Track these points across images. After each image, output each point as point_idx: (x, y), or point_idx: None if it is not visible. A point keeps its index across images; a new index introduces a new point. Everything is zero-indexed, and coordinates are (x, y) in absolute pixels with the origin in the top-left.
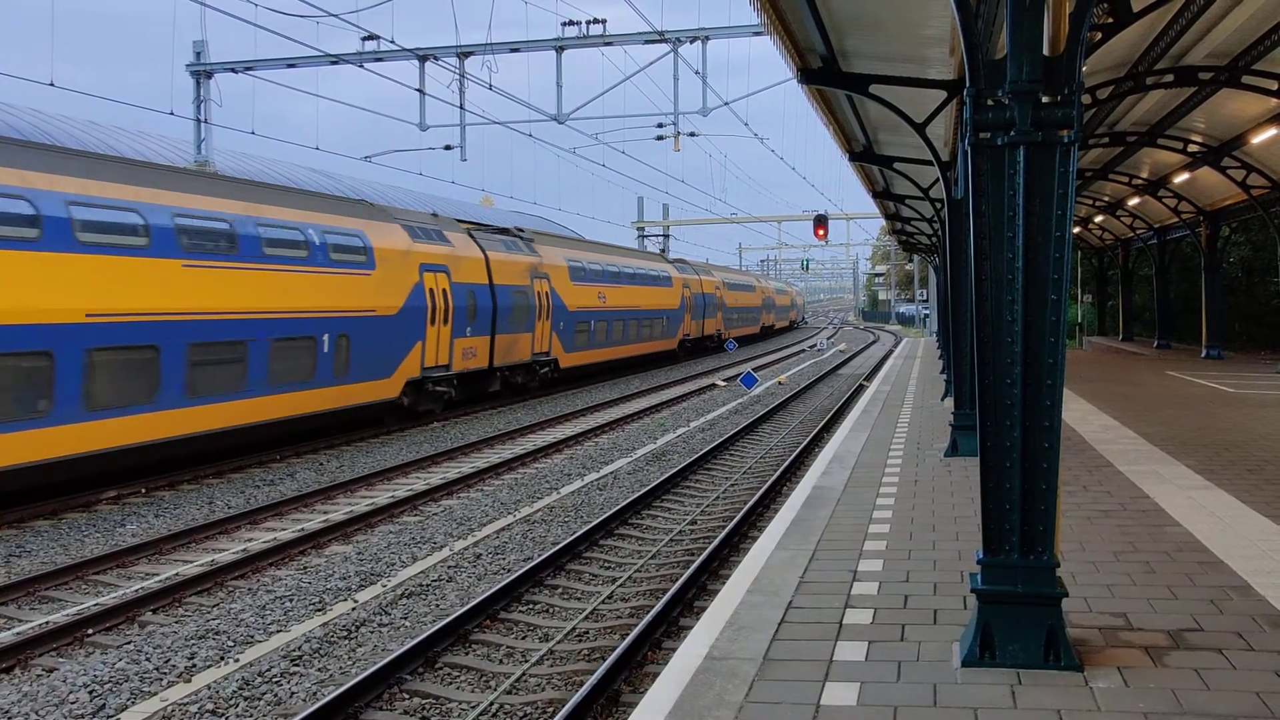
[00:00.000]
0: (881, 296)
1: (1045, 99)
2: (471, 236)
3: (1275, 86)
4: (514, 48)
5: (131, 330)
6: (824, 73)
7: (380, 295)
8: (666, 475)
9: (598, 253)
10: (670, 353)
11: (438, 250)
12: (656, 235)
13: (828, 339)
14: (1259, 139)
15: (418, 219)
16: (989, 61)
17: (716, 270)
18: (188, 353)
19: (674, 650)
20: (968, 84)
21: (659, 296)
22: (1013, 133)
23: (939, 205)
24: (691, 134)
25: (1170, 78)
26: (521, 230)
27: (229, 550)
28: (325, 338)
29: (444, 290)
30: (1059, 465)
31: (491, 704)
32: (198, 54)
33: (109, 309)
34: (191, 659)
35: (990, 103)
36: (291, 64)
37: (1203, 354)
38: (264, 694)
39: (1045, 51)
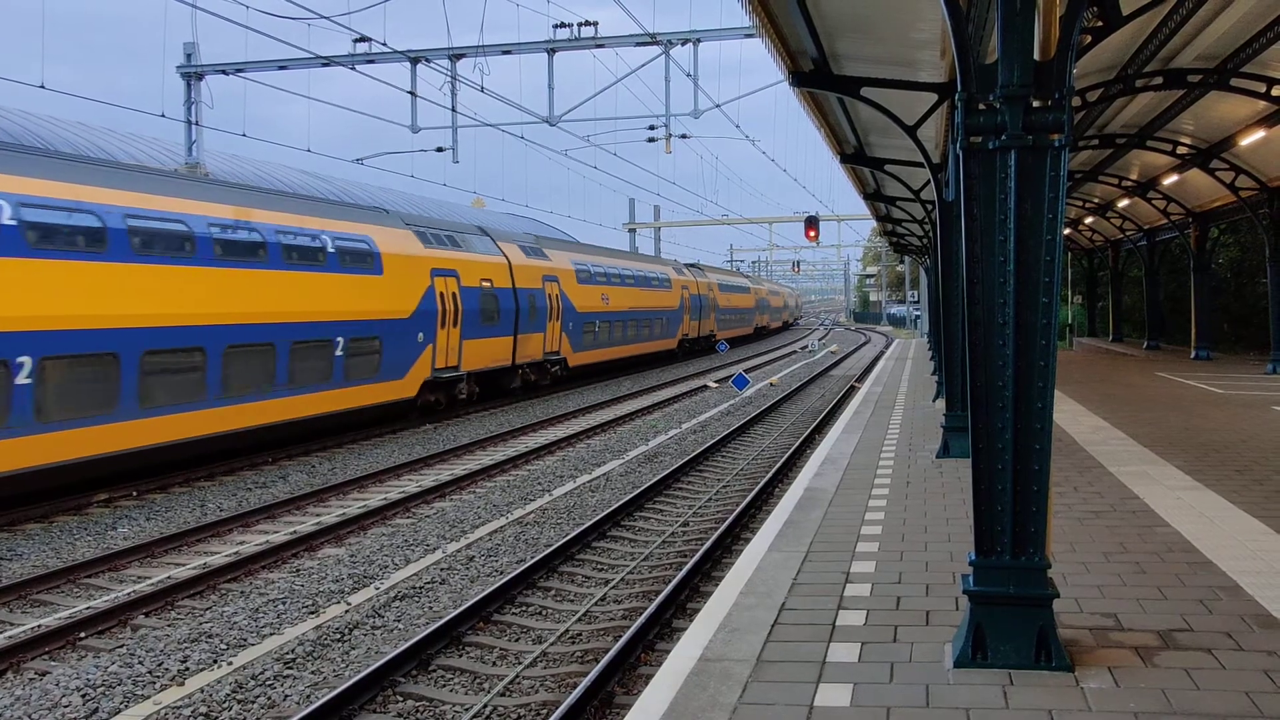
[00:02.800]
0: (873, 298)
1: (1036, 103)
2: (689, 269)
3: (1264, 89)
4: (506, 50)
5: (626, 314)
6: (815, 75)
7: (670, 300)
8: (659, 477)
9: (723, 274)
10: (748, 335)
11: (682, 278)
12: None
13: (819, 340)
14: (1247, 141)
15: (673, 264)
16: (980, 65)
17: (765, 280)
18: (638, 322)
19: (668, 652)
20: (959, 88)
21: (745, 299)
22: (1004, 137)
23: (930, 207)
24: (683, 136)
25: (1159, 80)
26: (699, 263)
27: (221, 553)
28: (662, 318)
29: (687, 299)
30: (1050, 466)
31: (485, 706)
32: (188, 56)
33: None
34: (184, 662)
35: (981, 107)
36: (283, 66)
37: (1192, 355)
38: (257, 697)
39: (1036, 56)
